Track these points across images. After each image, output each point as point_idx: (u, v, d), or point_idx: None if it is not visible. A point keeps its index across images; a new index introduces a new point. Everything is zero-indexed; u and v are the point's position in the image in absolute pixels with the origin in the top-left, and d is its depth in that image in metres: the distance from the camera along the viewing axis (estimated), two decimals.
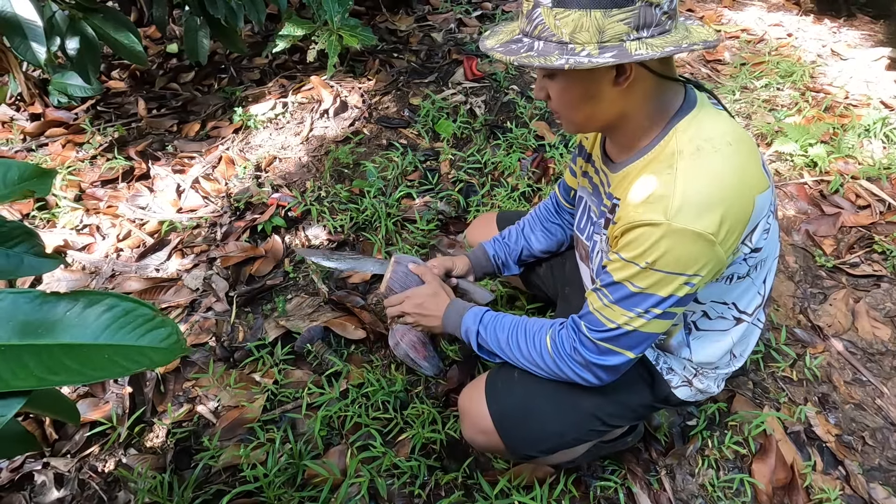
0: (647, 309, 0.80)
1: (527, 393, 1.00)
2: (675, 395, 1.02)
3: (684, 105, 0.82)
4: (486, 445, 1.04)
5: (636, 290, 0.80)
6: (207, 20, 2.18)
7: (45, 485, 1.25)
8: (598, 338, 0.86)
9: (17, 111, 2.41)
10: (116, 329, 0.52)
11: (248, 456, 1.26)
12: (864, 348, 1.51)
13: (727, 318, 0.94)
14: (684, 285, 0.78)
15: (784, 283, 1.68)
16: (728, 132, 0.80)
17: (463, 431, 1.08)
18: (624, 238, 0.80)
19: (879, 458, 1.28)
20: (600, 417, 1.00)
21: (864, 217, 1.86)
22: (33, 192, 0.72)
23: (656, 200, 0.75)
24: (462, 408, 1.07)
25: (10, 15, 1.49)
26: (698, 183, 0.74)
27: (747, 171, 0.78)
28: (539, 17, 0.73)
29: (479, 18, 3.07)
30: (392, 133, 2.28)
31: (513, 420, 1.00)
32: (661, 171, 0.77)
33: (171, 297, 1.67)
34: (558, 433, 1.00)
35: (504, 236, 1.31)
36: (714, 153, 0.76)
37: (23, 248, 0.70)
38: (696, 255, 0.75)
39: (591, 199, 1.02)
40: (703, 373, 1.02)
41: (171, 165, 2.15)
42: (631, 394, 1.01)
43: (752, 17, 3.19)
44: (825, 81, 2.56)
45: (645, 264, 0.77)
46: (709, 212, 0.74)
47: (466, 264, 1.27)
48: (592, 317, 0.86)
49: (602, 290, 0.85)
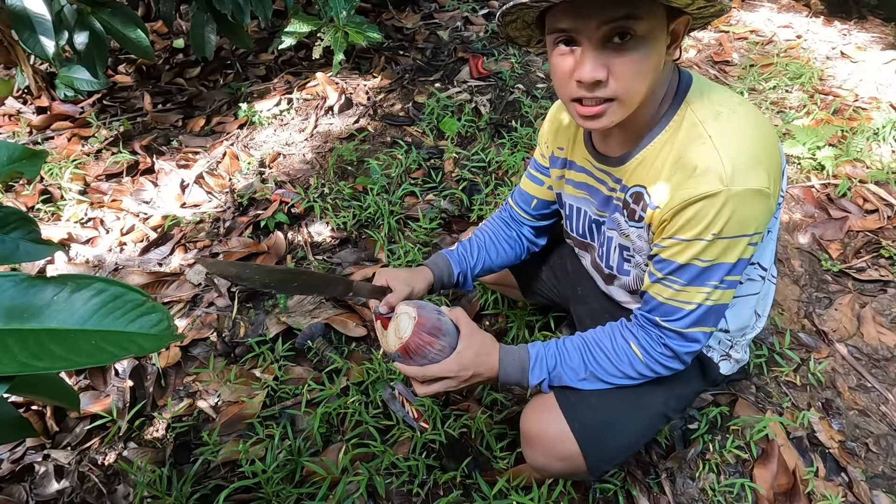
0: (722, 279, 0.80)
1: (602, 402, 0.92)
2: (721, 372, 1.03)
3: (682, 80, 0.82)
4: (562, 472, 0.97)
5: (705, 265, 0.79)
6: (214, 16, 2.19)
7: (45, 476, 1.26)
8: (682, 326, 0.84)
9: (24, 104, 2.42)
10: (105, 314, 0.51)
11: (247, 451, 1.26)
12: (870, 354, 1.49)
13: (755, 280, 0.94)
14: (748, 245, 0.78)
15: (789, 286, 1.66)
16: (730, 94, 0.82)
17: (533, 460, 0.97)
18: (679, 218, 0.77)
19: (883, 466, 1.26)
20: (666, 414, 0.98)
21: (871, 221, 1.84)
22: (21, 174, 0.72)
23: (705, 172, 0.74)
24: (531, 434, 0.95)
25: (19, 9, 1.50)
26: (737, 144, 0.75)
27: (764, 124, 0.79)
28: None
29: (485, 17, 3.06)
30: (396, 130, 2.27)
31: (596, 435, 0.92)
32: (692, 142, 0.77)
33: (174, 291, 1.67)
34: (636, 439, 0.97)
35: (466, 249, 1.17)
36: (733, 114, 0.77)
37: (19, 234, 0.69)
38: (756, 212, 0.76)
39: (587, 203, 1.00)
40: (736, 342, 1.02)
41: (175, 160, 2.15)
42: (689, 384, 1.01)
43: (762, 18, 3.16)
44: (834, 84, 2.54)
45: (711, 236, 0.76)
46: (757, 167, 0.74)
47: (428, 280, 1.07)
48: (668, 307, 0.83)
49: (668, 277, 0.82)
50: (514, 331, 1.51)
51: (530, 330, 1.51)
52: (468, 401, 1.38)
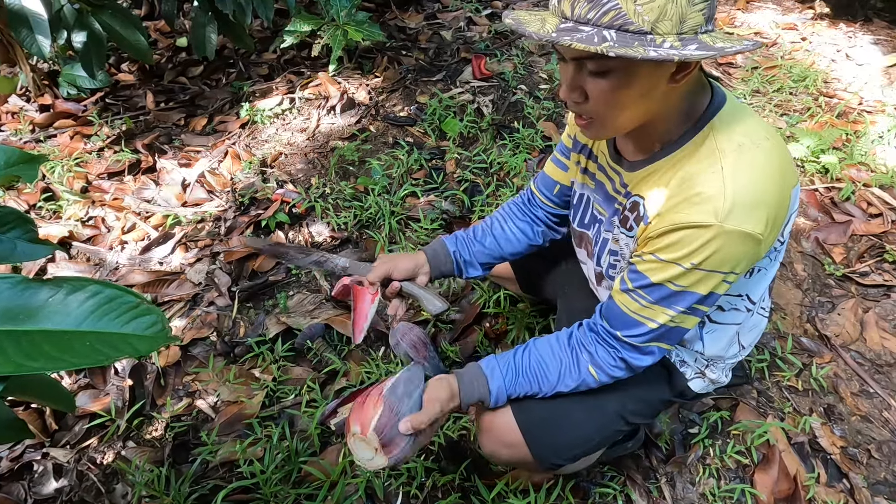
0: (690, 306, 0.80)
1: (555, 400, 0.95)
2: (690, 387, 1.02)
3: (713, 101, 0.79)
4: (510, 458, 1.00)
5: (677, 290, 0.78)
6: (216, 15, 2.18)
7: (44, 475, 1.26)
8: (641, 341, 0.84)
9: (27, 102, 2.42)
10: (100, 316, 0.51)
11: (246, 452, 1.26)
12: (872, 359, 1.48)
13: (740, 310, 0.94)
14: (723, 282, 0.78)
15: (792, 290, 1.66)
16: (761, 126, 0.78)
17: (483, 446, 1.02)
18: (664, 239, 0.77)
19: (885, 472, 1.25)
20: (624, 416, 0.98)
21: (875, 226, 1.83)
22: (18, 178, 0.72)
23: (704, 201, 0.73)
24: (483, 423, 1.00)
25: (16, 7, 1.50)
26: (746, 182, 0.73)
27: (785, 167, 0.77)
28: (612, 1, 0.65)
29: (489, 17, 3.05)
30: (398, 131, 2.27)
31: (541, 429, 0.96)
32: (704, 170, 0.75)
33: (174, 290, 1.67)
34: (586, 437, 0.97)
35: (469, 233, 1.17)
36: (756, 149, 0.75)
37: (16, 234, 0.69)
38: (741, 254, 0.75)
39: (594, 195, 0.99)
40: (713, 364, 1.02)
41: (177, 159, 2.15)
42: (651, 390, 1.01)
43: (766, 20, 3.14)
44: (839, 87, 2.52)
45: (690, 265, 0.75)
46: (757, 211, 0.73)
47: (419, 262, 1.10)
48: (631, 320, 0.84)
49: (638, 291, 0.82)
50: (515, 332, 1.50)
51: (530, 331, 1.51)
52: None
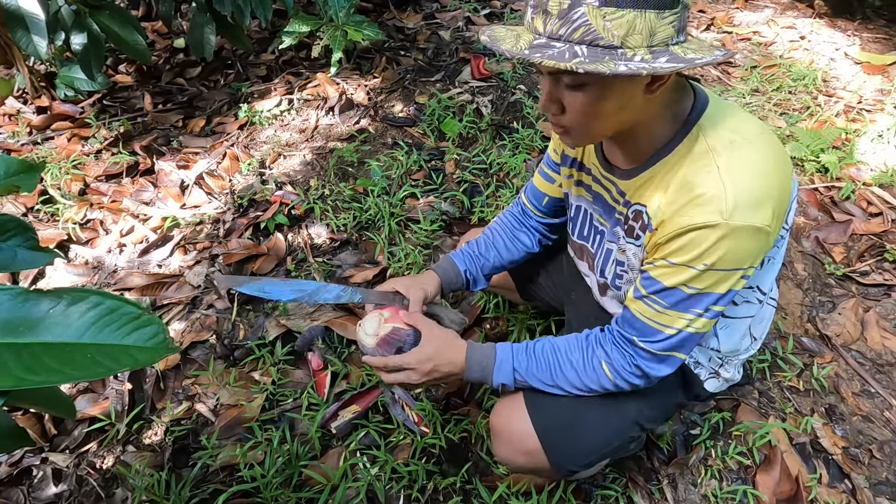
0: (707, 308, 0.79)
1: (570, 403, 0.94)
2: (706, 388, 1.02)
3: (697, 102, 0.80)
4: (526, 466, 0.99)
5: (693, 292, 0.78)
6: (214, 16, 2.18)
7: (43, 480, 1.25)
8: (658, 348, 0.83)
9: (25, 104, 2.41)
10: (101, 327, 0.51)
11: (246, 455, 1.25)
12: (874, 359, 1.48)
13: (752, 302, 0.94)
14: (741, 279, 0.78)
15: (792, 290, 1.65)
16: (749, 121, 0.79)
17: (498, 453, 1.00)
18: (673, 243, 0.77)
19: (887, 472, 1.25)
20: (640, 422, 0.98)
21: (875, 225, 1.83)
22: (18, 188, 0.71)
23: (707, 202, 0.73)
24: (498, 428, 0.98)
25: (13, 8, 1.50)
26: (744, 177, 0.73)
27: (780, 157, 0.78)
28: (582, 17, 0.65)
29: (487, 17, 3.05)
30: (397, 131, 2.26)
31: (559, 435, 0.94)
32: (700, 170, 0.75)
33: (173, 293, 1.66)
34: (605, 443, 0.96)
35: (474, 248, 1.19)
36: (748, 144, 0.75)
37: (16, 242, 0.69)
38: (754, 248, 0.75)
39: (592, 207, 0.99)
40: (727, 361, 1.01)
41: (175, 161, 2.14)
42: (668, 395, 1.00)
43: (765, 18, 3.14)
44: (838, 85, 2.52)
45: (703, 266, 0.75)
46: (761, 204, 0.73)
47: (436, 284, 1.11)
48: (647, 327, 0.83)
49: (651, 297, 0.82)
50: (515, 334, 1.50)
51: (531, 333, 1.50)
52: (469, 405, 1.37)
